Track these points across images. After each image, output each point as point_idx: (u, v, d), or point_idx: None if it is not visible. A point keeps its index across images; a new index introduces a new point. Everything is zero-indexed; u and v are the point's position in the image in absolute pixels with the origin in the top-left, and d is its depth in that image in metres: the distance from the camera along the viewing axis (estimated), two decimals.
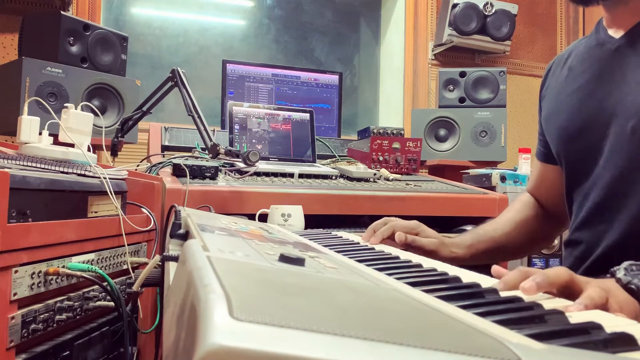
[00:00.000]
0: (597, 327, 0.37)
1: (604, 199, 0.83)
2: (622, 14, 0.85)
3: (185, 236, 0.65)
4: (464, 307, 0.39)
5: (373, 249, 0.77)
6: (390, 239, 0.93)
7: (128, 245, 0.98)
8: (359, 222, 1.39)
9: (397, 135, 1.92)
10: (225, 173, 1.43)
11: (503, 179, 2.16)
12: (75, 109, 1.06)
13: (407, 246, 0.91)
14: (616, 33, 0.86)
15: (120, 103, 1.88)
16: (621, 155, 0.80)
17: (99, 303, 0.88)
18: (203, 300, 0.24)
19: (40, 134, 0.99)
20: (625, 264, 0.57)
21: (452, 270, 0.58)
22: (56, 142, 1.02)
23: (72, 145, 1.02)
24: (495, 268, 0.58)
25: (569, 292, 0.52)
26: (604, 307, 0.49)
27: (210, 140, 1.30)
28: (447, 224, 1.42)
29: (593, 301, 0.48)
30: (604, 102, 0.84)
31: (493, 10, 2.83)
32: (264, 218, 1.20)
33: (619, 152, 0.81)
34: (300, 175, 1.50)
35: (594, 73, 0.88)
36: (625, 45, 0.84)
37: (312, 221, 1.22)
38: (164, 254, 0.57)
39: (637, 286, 0.54)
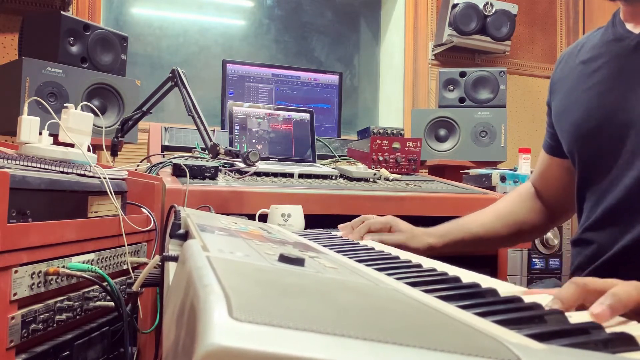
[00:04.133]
0: (597, 327, 0.37)
1: (622, 201, 0.80)
2: None
3: (185, 236, 0.65)
4: (463, 307, 0.39)
5: (373, 248, 0.77)
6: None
7: (128, 245, 0.98)
8: None
9: (397, 135, 1.92)
10: (225, 173, 1.43)
11: (503, 179, 2.17)
12: (75, 109, 1.06)
13: None
14: (635, 28, 0.83)
15: (120, 103, 1.88)
16: None
17: (99, 303, 0.88)
18: (203, 301, 0.24)
19: (40, 134, 0.99)
20: None
21: (452, 271, 0.58)
22: (56, 142, 1.02)
23: (72, 145, 1.02)
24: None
25: None
26: None
27: (210, 140, 1.30)
28: None
29: None
30: (624, 100, 0.80)
31: (493, 10, 2.83)
32: (264, 218, 1.20)
33: None
34: (300, 176, 1.50)
35: (612, 69, 0.83)
36: None
37: (312, 221, 1.22)
38: (164, 254, 0.57)
39: None
